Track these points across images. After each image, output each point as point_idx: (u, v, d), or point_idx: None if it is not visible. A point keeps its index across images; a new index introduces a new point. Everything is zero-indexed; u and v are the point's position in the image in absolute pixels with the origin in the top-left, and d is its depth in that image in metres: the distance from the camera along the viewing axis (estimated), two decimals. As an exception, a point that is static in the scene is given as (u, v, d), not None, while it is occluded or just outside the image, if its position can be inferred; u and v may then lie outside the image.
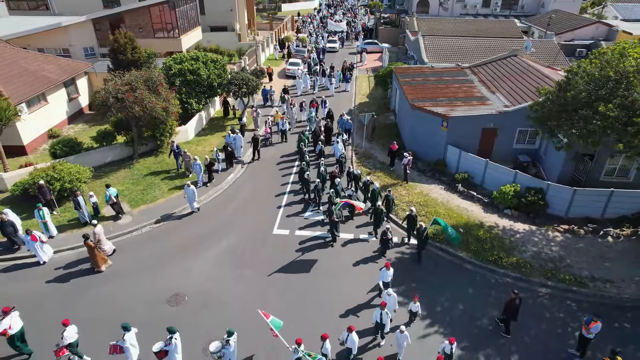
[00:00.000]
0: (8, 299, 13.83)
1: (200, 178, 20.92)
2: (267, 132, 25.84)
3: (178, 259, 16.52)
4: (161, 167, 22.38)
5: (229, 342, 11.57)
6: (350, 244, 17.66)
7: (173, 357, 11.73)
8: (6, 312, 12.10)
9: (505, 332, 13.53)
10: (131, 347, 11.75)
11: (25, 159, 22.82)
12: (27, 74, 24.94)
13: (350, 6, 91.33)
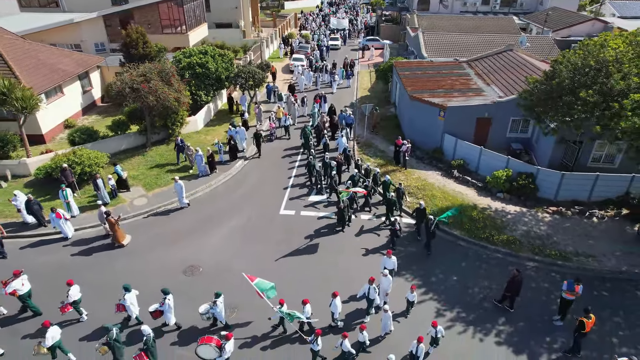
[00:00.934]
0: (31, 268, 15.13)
1: (202, 169, 21.84)
2: (272, 127, 26.63)
3: (192, 235, 17.81)
4: (173, 154, 23.58)
5: (216, 303, 12.88)
6: (356, 228, 18.64)
7: (167, 316, 13.18)
8: (16, 275, 13.57)
9: (509, 307, 14.36)
10: (131, 305, 13.15)
11: (44, 147, 24.12)
12: (45, 67, 26.21)
13: (352, 4, 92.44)
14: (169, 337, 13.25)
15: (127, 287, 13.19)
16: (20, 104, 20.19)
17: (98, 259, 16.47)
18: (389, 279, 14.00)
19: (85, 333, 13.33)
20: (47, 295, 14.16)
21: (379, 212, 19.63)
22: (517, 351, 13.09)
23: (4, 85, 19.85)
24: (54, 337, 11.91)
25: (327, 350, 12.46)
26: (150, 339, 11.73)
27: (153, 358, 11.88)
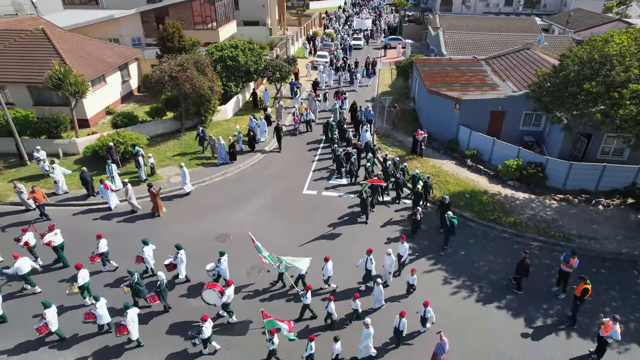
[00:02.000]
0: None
1: (224, 157, 23.30)
2: (296, 122, 27.77)
3: (223, 209, 19.69)
4: (213, 135, 25.41)
5: (220, 261, 14.52)
6: (379, 213, 19.83)
7: (179, 267, 15.12)
8: (51, 229, 15.67)
9: (517, 289, 15.14)
10: (149, 257, 15.12)
11: (89, 130, 26.44)
12: (91, 58, 28.60)
13: (376, 5, 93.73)
14: (179, 289, 15.20)
15: (145, 241, 15.14)
16: (73, 88, 22.46)
17: (139, 226, 18.49)
18: (391, 259, 14.87)
19: (110, 281, 15.42)
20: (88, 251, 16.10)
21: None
22: (515, 315, 14.40)
23: (60, 72, 22.15)
24: (84, 278, 13.90)
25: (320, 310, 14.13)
26: (163, 284, 13.64)
27: (163, 300, 13.84)
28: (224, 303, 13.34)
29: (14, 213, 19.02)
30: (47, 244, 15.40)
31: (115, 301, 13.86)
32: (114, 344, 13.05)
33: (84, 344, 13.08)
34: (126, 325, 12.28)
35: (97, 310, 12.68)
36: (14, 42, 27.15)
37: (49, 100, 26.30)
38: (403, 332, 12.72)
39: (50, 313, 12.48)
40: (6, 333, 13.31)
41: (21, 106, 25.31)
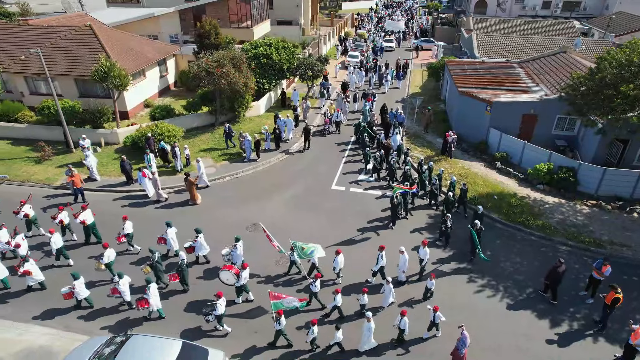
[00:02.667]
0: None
1: (249, 153, 23.81)
2: (327, 122, 27.89)
3: (254, 200, 20.38)
4: (242, 131, 26.23)
5: (236, 246, 15.17)
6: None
7: (199, 250, 15.91)
8: (84, 208, 16.80)
9: (552, 299, 14.72)
10: (171, 240, 16.04)
11: (129, 121, 27.73)
12: (133, 53, 29.95)
13: (409, 7, 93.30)
14: (198, 270, 16.06)
15: (168, 224, 16.04)
16: (116, 81, 23.68)
17: (174, 213, 19.37)
18: (404, 257, 14.93)
19: (133, 260, 16.42)
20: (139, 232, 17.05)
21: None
22: (540, 316, 14.40)
23: (105, 65, 23.39)
24: (110, 257, 14.90)
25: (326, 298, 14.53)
26: (184, 264, 14.49)
27: (184, 279, 14.66)
28: (239, 285, 14.05)
29: (60, 196, 20.22)
30: (81, 222, 16.55)
31: (137, 279, 14.72)
32: (134, 317, 14.02)
33: (107, 316, 14.10)
34: (147, 298, 13.19)
35: (121, 287, 13.58)
36: (63, 38, 28.79)
37: (94, 92, 27.74)
38: (405, 330, 12.78)
39: (78, 284, 13.62)
40: (41, 300, 14.50)
41: (68, 97, 26.82)
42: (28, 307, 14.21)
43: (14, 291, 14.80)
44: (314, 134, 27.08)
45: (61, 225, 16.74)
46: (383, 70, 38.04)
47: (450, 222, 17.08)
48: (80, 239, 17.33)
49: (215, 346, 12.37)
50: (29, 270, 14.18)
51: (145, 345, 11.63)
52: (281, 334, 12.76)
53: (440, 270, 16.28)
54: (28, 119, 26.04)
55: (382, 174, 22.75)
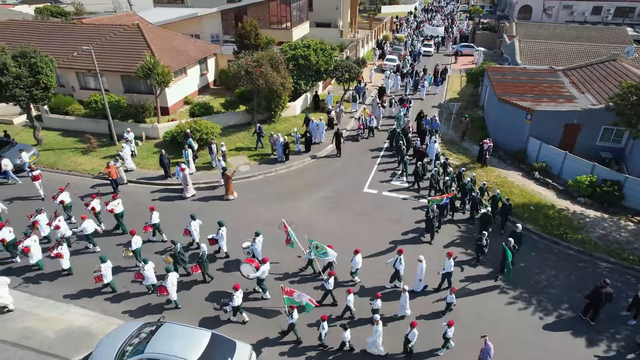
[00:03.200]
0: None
1: (281, 154, 23.83)
2: (361, 127, 27.46)
3: (286, 199, 20.68)
4: (274, 132, 26.63)
5: (255, 241, 15.57)
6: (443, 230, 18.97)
7: (220, 243, 16.31)
8: (115, 198, 17.70)
9: (591, 319, 14.07)
10: (195, 231, 16.61)
11: (169, 117, 28.70)
12: (176, 51, 30.99)
13: (449, 12, 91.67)
14: (219, 262, 16.58)
15: (193, 216, 16.62)
16: (160, 78, 24.59)
17: (208, 206, 19.98)
18: (422, 266, 14.76)
19: (158, 249, 17.05)
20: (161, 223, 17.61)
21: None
22: (575, 334, 13.87)
23: (150, 62, 24.34)
24: (137, 243, 15.58)
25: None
26: (204, 256, 14.91)
27: (204, 270, 15.14)
28: (259, 278, 14.41)
29: (101, 185, 21.15)
30: (110, 211, 17.33)
31: (159, 268, 15.21)
32: (155, 303, 14.64)
33: (131, 300, 14.80)
34: (166, 286, 13.74)
35: (145, 272, 14.17)
36: (113, 36, 30.18)
37: (138, 88, 28.91)
38: (412, 342, 12.51)
39: (105, 267, 14.33)
40: (70, 283, 15.39)
41: (114, 93, 28.07)
42: (59, 288, 15.12)
43: (47, 272, 15.74)
44: (347, 139, 26.94)
45: (93, 213, 17.62)
46: (420, 76, 37.16)
47: (487, 241, 16.19)
48: (110, 227, 18.14)
49: (230, 335, 12.61)
50: (61, 254, 14.97)
51: (176, 333, 12.03)
52: (293, 328, 13.03)
53: (470, 283, 15.95)
54: (77, 112, 27.45)
55: (419, 184, 21.99)
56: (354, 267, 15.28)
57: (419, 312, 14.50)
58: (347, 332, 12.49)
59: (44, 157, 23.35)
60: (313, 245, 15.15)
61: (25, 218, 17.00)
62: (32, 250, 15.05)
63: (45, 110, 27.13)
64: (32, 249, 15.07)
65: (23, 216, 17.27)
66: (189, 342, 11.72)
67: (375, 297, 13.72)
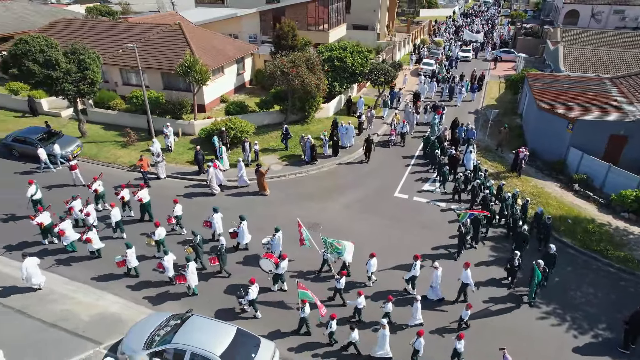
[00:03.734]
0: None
1: (309, 155, 23.75)
2: (392, 133, 26.59)
3: (316, 199, 20.79)
4: (304, 134, 26.80)
5: (275, 237, 15.85)
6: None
7: (241, 236, 16.75)
8: (142, 187, 18.41)
9: (623, 347, 13.28)
10: (216, 224, 17.02)
11: (205, 114, 29.40)
12: (214, 50, 31.71)
13: (490, 16, 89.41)
14: (238, 256, 16.96)
15: (215, 209, 17.12)
16: (198, 76, 25.24)
17: (239, 201, 20.48)
18: (437, 274, 14.47)
19: (180, 240, 17.62)
20: (191, 217, 18.19)
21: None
22: (616, 358, 13.17)
23: (189, 61, 25.03)
24: (160, 235, 16.14)
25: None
26: (223, 248, 15.27)
27: (222, 263, 15.50)
28: (277, 274, 14.74)
29: (138, 179, 21.91)
30: (139, 200, 18.08)
31: (180, 258, 15.59)
32: (174, 291, 15.19)
33: (151, 288, 15.37)
34: (185, 275, 14.26)
35: (165, 263, 14.69)
36: (155, 34, 31.23)
37: (176, 85, 29.77)
38: (419, 351, 12.23)
39: (130, 253, 14.99)
40: (97, 266, 16.21)
41: (154, 89, 29.03)
42: (87, 271, 15.93)
43: (77, 255, 16.60)
44: (377, 144, 26.10)
45: (122, 202, 18.37)
46: (456, 82, 35.92)
47: (519, 261, 15.17)
48: (136, 215, 18.92)
49: (244, 327, 12.79)
50: (90, 238, 15.81)
51: (202, 326, 12.30)
52: (305, 322, 13.29)
53: (500, 298, 15.50)
54: (119, 107, 28.56)
55: (459, 196, 21.07)
56: (369, 271, 15.22)
57: (433, 322, 14.20)
58: (354, 333, 12.49)
59: (87, 149, 24.43)
60: (328, 244, 15.25)
61: (60, 203, 17.93)
62: (66, 234, 15.99)
63: (90, 104, 28.40)
64: (67, 232, 16.01)
65: (58, 202, 18.20)
66: (214, 335, 11.95)
67: (387, 300, 13.61)
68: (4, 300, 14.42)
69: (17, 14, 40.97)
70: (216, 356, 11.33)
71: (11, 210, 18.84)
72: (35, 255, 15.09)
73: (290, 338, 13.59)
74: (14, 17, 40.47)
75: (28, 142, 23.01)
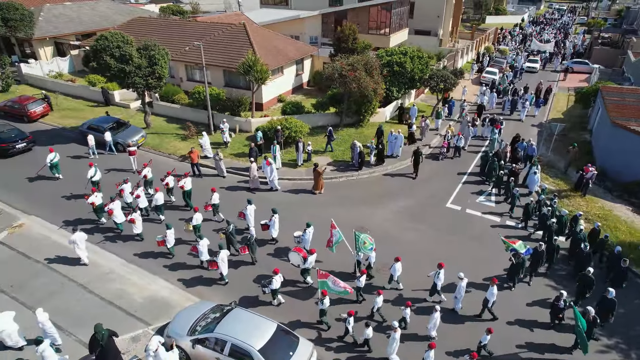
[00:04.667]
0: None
1: (356, 160, 23.30)
2: (445, 145, 25.40)
3: (365, 203, 20.64)
4: (358, 137, 26.65)
5: (306, 232, 16.22)
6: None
7: (271, 229, 17.22)
8: (185, 175, 19.32)
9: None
10: (249, 215, 17.41)
11: (262, 113, 30.12)
12: (275, 50, 32.42)
13: (562, 24, 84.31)
14: (268, 247, 17.52)
15: (249, 201, 17.69)
16: (258, 75, 25.92)
17: (288, 198, 20.83)
18: (461, 285, 14.11)
19: (216, 227, 18.43)
20: (229, 207, 18.81)
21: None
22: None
23: (251, 60, 25.76)
24: (197, 220, 16.94)
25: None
26: (252, 239, 16.19)
27: (252, 252, 16.23)
28: (304, 268, 15.14)
29: (208, 176, 22.73)
30: (181, 187, 19.21)
31: (213, 245, 16.39)
32: (206, 276, 15.92)
33: (185, 271, 16.22)
34: (217, 261, 14.87)
35: (200, 247, 15.39)
36: (220, 33, 32.46)
37: (237, 83, 30.77)
38: None
39: (170, 233, 16.11)
40: (139, 246, 17.37)
41: (215, 86, 30.16)
42: (129, 249, 17.17)
43: (123, 234, 17.85)
44: (427, 157, 25.16)
45: (166, 188, 19.53)
46: (520, 95, 33.42)
47: (565, 303, 13.68)
48: (179, 202, 20.05)
49: (264, 314, 13.23)
50: (134, 219, 16.94)
51: (244, 319, 12.55)
52: (324, 314, 13.49)
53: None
54: (182, 101, 29.96)
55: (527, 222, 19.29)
56: (394, 275, 15.04)
57: (452, 337, 13.71)
58: (368, 330, 12.59)
59: (150, 140, 25.86)
60: (361, 240, 15.21)
61: (114, 186, 19.35)
62: (115, 213, 17.29)
63: (156, 97, 30.04)
64: (115, 211, 17.31)
65: (113, 184, 19.66)
66: (255, 329, 12.15)
67: (406, 305, 13.53)
68: (71, 275, 15.62)
69: (101, 13, 44.33)
70: (255, 350, 11.51)
71: (76, 190, 20.45)
72: (87, 232, 16.57)
73: (306, 329, 13.90)
74: (98, 15, 43.83)
75: (99, 130, 24.75)
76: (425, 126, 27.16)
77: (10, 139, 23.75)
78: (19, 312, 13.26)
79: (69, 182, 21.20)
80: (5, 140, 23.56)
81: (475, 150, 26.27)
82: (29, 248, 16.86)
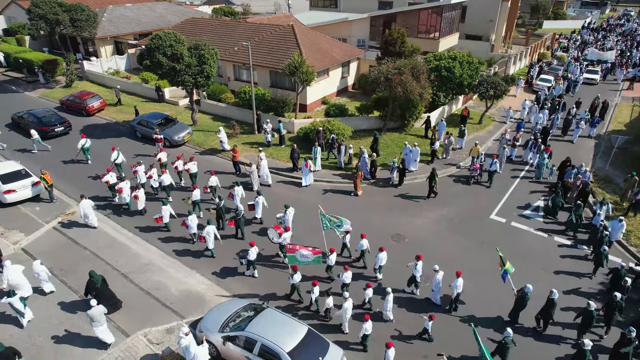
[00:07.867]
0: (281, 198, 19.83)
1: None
2: (476, 167, 22.43)
3: (403, 210, 20.13)
4: (401, 143, 26.03)
5: (286, 213, 17.15)
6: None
7: (257, 210, 18.46)
8: (191, 160, 21.09)
9: None
10: (236, 196, 18.46)
11: (305, 114, 30.20)
12: (322, 52, 32.44)
13: (628, 31, 78.37)
14: (254, 226, 18.80)
15: (237, 182, 19.01)
16: (303, 77, 26.02)
17: (326, 199, 20.73)
18: (437, 278, 14.41)
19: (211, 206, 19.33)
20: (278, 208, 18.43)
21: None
22: None
23: (297, 61, 25.90)
24: (196, 196, 18.64)
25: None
26: (240, 214, 17.73)
27: (240, 227, 17.62)
28: (280, 244, 16.33)
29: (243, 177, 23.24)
30: (186, 170, 20.87)
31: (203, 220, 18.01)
32: (195, 249, 17.32)
33: (178, 243, 17.71)
34: (203, 236, 16.08)
35: (189, 222, 16.76)
36: (269, 34, 32.90)
37: (282, 84, 31.05)
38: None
39: (165, 209, 17.56)
40: (141, 220, 19.00)
41: (261, 86, 30.63)
42: (133, 222, 18.87)
43: (130, 211, 19.55)
44: (457, 180, 22.95)
45: (175, 171, 21.16)
46: (573, 113, 29.22)
47: (588, 346, 11.83)
48: (187, 184, 21.45)
49: (242, 287, 15.04)
50: (138, 196, 18.69)
51: (275, 320, 12.51)
52: (295, 289, 14.41)
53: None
54: (228, 100, 30.63)
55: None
56: (377, 264, 15.44)
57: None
58: (329, 299, 13.58)
59: (196, 136, 26.62)
60: (327, 218, 16.06)
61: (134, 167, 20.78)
62: (124, 191, 19.06)
63: (204, 95, 30.88)
64: (124, 190, 19.06)
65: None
66: (286, 331, 12.08)
67: (387, 293, 13.70)
68: (116, 265, 16.33)
69: (157, 14, 46.38)
70: (284, 352, 11.42)
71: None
72: (117, 216, 19.08)
73: (282, 302, 14.83)
74: (156, 16, 45.89)
75: (149, 125, 25.72)
76: (448, 143, 24.77)
77: (51, 123, 26.51)
78: (66, 295, 14.32)
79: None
80: (46, 124, 26.29)
81: (514, 175, 23.60)
82: (78, 234, 17.77)
